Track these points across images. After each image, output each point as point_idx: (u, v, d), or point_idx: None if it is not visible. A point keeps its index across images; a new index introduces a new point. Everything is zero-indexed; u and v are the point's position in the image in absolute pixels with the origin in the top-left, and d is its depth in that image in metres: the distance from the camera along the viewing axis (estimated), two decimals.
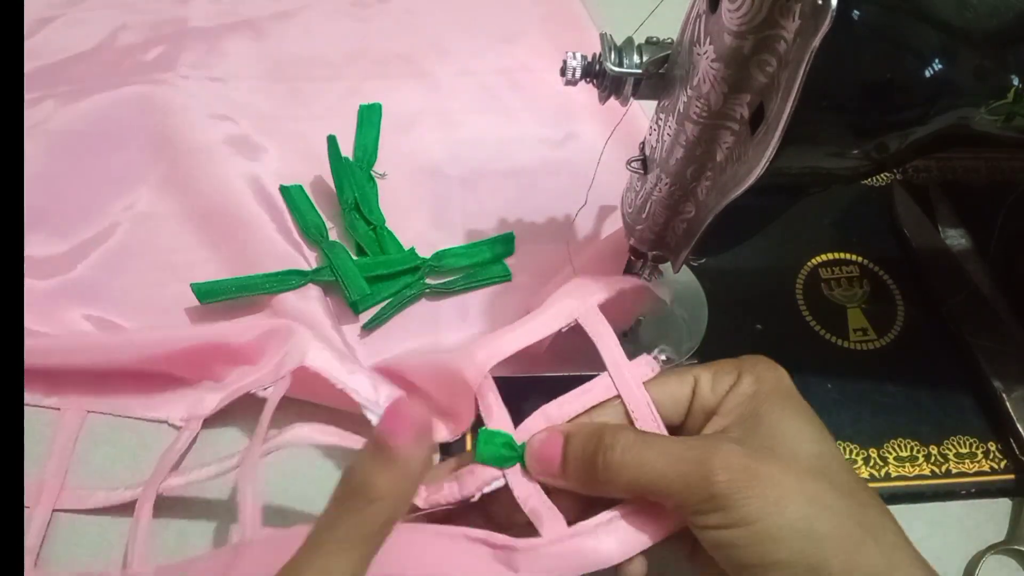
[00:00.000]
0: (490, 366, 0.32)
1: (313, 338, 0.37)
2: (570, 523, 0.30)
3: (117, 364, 0.40)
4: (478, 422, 0.33)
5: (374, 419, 0.32)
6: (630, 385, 0.31)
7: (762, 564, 0.25)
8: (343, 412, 0.36)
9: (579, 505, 0.30)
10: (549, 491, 0.30)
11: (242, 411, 0.39)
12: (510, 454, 0.30)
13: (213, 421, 0.40)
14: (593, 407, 0.31)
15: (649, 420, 0.30)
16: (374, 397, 0.34)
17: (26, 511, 0.37)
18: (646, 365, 0.32)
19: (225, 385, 0.40)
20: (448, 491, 0.31)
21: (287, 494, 0.38)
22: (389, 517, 0.24)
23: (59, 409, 0.40)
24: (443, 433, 0.36)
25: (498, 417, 0.32)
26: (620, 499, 0.29)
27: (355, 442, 0.33)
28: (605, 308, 0.34)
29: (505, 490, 0.31)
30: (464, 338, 0.44)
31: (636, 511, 0.29)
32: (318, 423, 0.34)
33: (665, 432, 0.30)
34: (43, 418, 0.40)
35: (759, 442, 0.27)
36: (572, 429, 0.30)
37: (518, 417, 0.32)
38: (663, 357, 0.32)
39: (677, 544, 0.29)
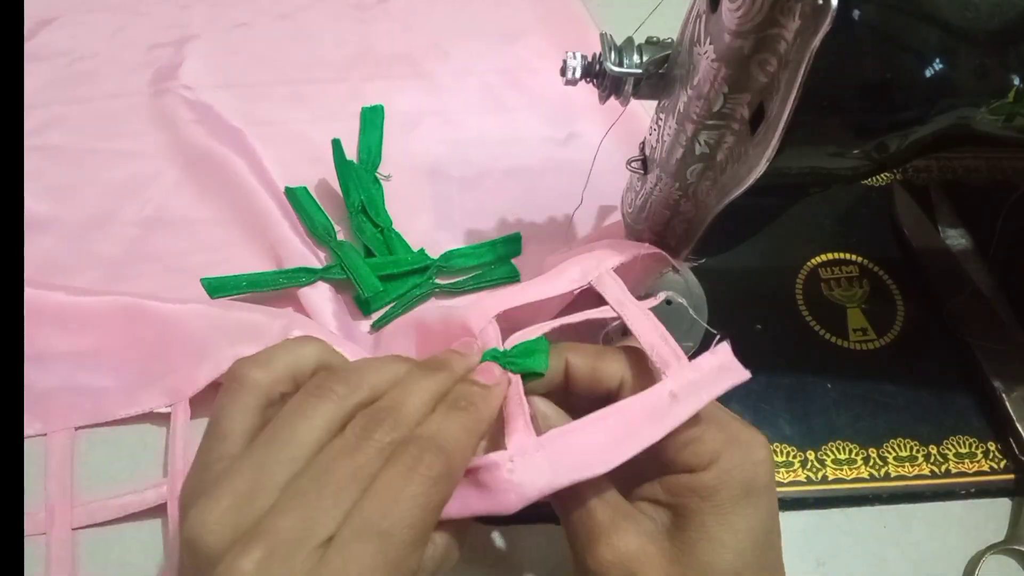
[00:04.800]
0: (495, 312, 0.31)
1: (300, 321, 0.39)
2: None
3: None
4: None
5: None
6: (640, 317, 0.29)
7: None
8: None
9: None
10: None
11: None
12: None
13: (205, 408, 0.39)
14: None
15: (664, 350, 0.28)
16: None
17: (43, 537, 0.37)
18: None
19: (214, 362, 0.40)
20: None
21: None
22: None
23: (45, 434, 0.39)
24: None
25: (493, 343, 0.30)
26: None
27: None
28: (618, 273, 0.33)
29: None
30: None
31: (638, 401, 0.26)
32: None
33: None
34: (32, 447, 0.39)
35: (684, 536, 0.25)
36: None
37: None
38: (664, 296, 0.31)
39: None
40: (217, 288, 0.43)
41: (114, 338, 0.41)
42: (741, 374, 0.27)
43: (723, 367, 0.27)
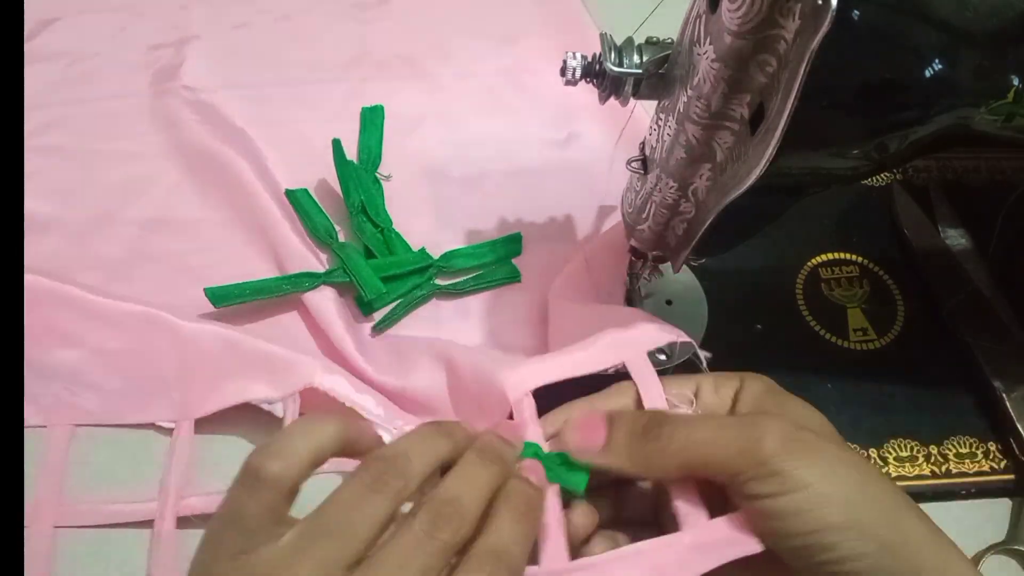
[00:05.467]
0: (533, 386, 0.31)
1: (320, 366, 0.38)
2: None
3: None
4: None
5: (386, 436, 0.33)
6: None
7: (816, 529, 0.24)
8: None
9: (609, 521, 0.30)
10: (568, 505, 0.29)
11: (237, 418, 0.39)
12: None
13: (209, 427, 0.39)
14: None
15: (691, 500, 0.29)
16: (381, 413, 0.37)
17: (25, 530, 0.36)
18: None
19: (223, 392, 0.39)
20: None
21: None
22: None
23: (45, 427, 0.40)
24: None
25: (532, 433, 0.30)
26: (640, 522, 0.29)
27: None
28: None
29: None
30: (467, 337, 0.44)
31: (659, 548, 0.27)
32: None
33: None
34: (31, 438, 0.39)
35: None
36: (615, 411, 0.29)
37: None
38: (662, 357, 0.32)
39: None
40: (221, 297, 0.43)
41: (130, 344, 0.41)
42: (753, 546, 0.27)
43: (739, 536, 0.27)
